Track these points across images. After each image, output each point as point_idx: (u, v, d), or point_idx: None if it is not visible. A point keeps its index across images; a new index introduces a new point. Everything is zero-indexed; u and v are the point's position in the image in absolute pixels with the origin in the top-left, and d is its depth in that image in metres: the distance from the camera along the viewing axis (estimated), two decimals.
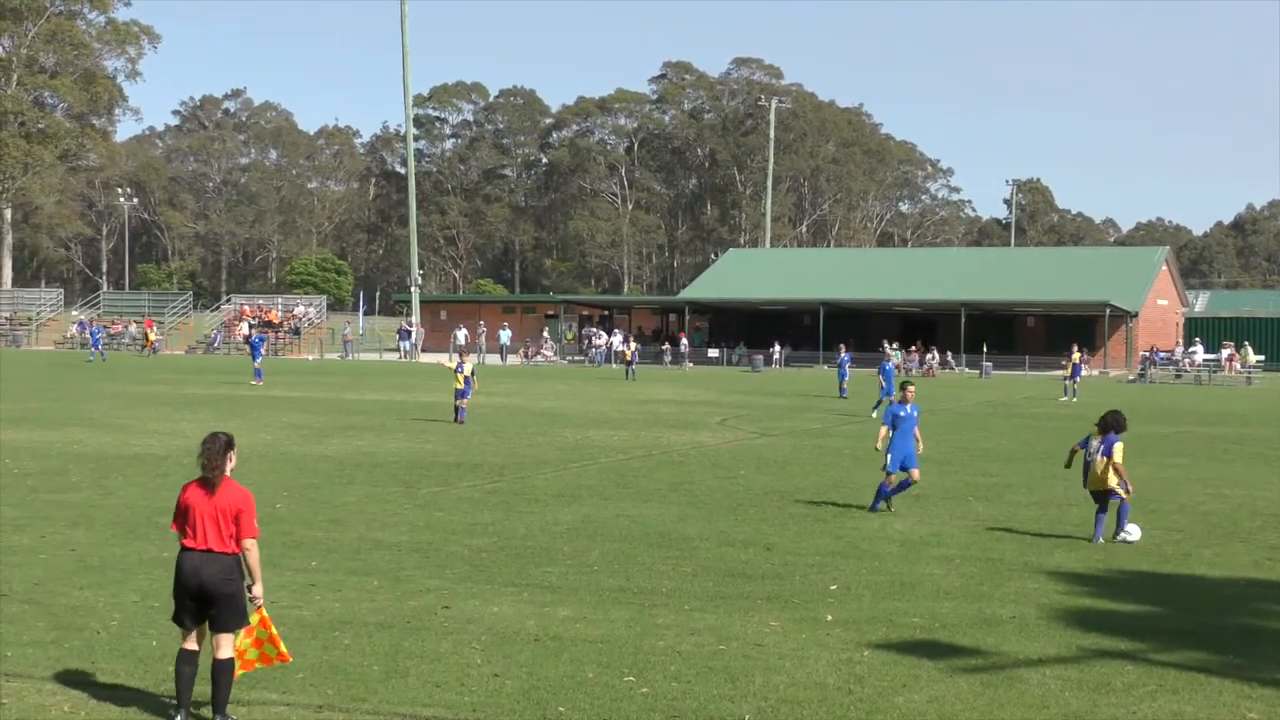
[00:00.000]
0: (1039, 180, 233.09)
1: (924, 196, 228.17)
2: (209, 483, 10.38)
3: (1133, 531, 19.25)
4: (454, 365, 39.12)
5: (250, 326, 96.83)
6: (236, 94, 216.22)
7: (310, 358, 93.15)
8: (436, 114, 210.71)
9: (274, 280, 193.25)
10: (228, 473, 10.47)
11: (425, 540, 18.39)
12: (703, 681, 11.66)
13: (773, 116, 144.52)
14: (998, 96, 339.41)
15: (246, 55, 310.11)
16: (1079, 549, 18.77)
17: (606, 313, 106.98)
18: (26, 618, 13.57)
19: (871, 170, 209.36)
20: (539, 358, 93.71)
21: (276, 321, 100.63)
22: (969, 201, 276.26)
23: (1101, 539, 19.23)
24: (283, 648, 10.69)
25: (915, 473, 22.38)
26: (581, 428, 37.41)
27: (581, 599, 14.86)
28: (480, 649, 12.58)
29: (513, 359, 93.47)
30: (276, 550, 17.47)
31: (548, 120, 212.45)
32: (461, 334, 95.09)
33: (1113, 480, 19.24)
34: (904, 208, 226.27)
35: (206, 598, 10.29)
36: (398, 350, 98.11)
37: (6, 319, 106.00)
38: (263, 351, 61.14)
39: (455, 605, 14.36)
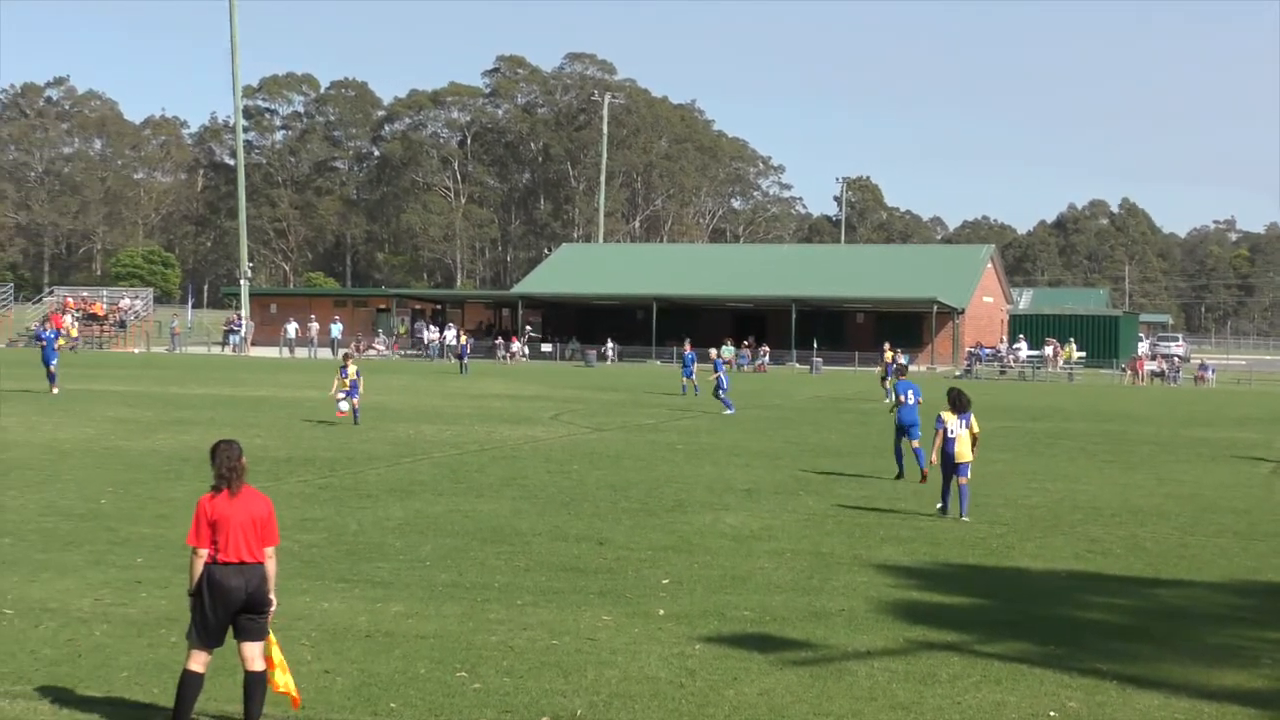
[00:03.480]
0: (868, 178, 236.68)
1: (756, 193, 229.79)
2: (231, 491, 10.03)
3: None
4: (339, 374, 37.49)
5: (43, 320, 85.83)
6: (59, 82, 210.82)
7: (136, 351, 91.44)
8: (266, 105, 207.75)
9: (99, 272, 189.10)
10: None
11: None
12: (535, 676, 11.64)
13: (606, 111, 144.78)
14: (828, 95, 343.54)
15: (70, 42, 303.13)
16: (907, 543, 19.06)
17: (439, 307, 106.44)
18: None
19: (704, 166, 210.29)
20: (371, 351, 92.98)
21: (101, 314, 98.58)
22: (800, 198, 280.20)
23: (950, 511, 21.35)
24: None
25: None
26: (414, 422, 37.17)
27: (414, 594, 14.77)
28: (310, 645, 12.44)
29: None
30: (101, 547, 17.16)
31: (380, 113, 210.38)
32: (292, 328, 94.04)
33: (970, 454, 21.22)
34: (736, 204, 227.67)
35: (251, 609, 10.00)
36: (224, 344, 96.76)
37: None
38: (56, 350, 46.14)
39: (285, 601, 14.14)
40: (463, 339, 77.74)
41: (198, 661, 9.97)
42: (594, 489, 24.04)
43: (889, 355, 57.52)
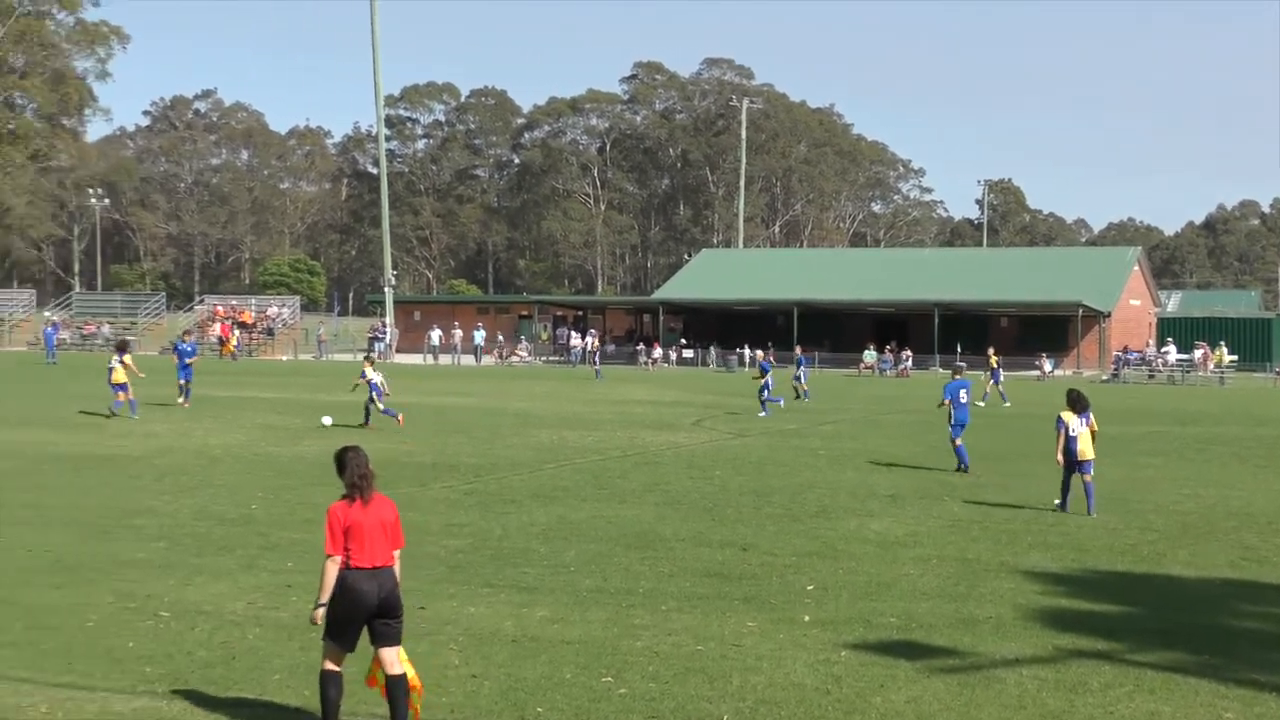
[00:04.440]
0: (1010, 180, 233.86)
1: (896, 197, 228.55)
2: (363, 497, 10.21)
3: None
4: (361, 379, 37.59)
5: (184, 333, 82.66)
6: (207, 94, 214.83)
7: (284, 358, 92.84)
8: (408, 114, 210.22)
9: (247, 281, 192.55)
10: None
11: None
12: (680, 682, 11.65)
13: (744, 117, 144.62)
14: (969, 97, 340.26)
15: (216, 55, 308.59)
16: (1054, 549, 18.81)
17: (581, 313, 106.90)
18: (1, 618, 13.51)
19: (843, 171, 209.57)
20: (514, 358, 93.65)
21: (249, 322, 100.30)
22: (941, 202, 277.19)
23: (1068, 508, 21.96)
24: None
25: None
26: (557, 428, 37.36)
27: (559, 600, 14.85)
28: (458, 650, 12.55)
29: (487, 360, 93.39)
30: (253, 551, 17.45)
31: (519, 120, 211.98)
32: (436, 335, 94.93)
33: (1092, 451, 21.98)
34: (876, 208, 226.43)
35: (385, 613, 10.13)
36: (370, 351, 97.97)
37: None
38: (191, 366, 44.35)
39: (432, 606, 14.32)
40: (596, 345, 78.23)
41: (334, 663, 10.16)
42: (737, 495, 24.01)
43: (994, 360, 56.74)
